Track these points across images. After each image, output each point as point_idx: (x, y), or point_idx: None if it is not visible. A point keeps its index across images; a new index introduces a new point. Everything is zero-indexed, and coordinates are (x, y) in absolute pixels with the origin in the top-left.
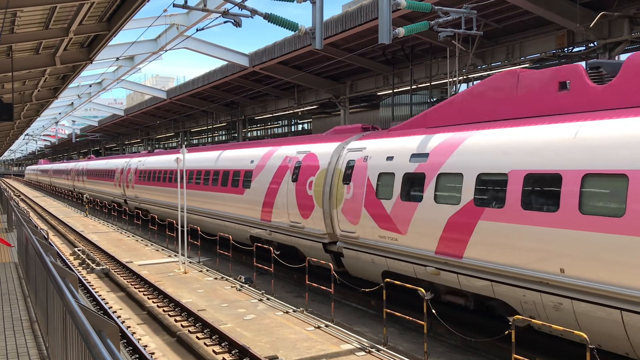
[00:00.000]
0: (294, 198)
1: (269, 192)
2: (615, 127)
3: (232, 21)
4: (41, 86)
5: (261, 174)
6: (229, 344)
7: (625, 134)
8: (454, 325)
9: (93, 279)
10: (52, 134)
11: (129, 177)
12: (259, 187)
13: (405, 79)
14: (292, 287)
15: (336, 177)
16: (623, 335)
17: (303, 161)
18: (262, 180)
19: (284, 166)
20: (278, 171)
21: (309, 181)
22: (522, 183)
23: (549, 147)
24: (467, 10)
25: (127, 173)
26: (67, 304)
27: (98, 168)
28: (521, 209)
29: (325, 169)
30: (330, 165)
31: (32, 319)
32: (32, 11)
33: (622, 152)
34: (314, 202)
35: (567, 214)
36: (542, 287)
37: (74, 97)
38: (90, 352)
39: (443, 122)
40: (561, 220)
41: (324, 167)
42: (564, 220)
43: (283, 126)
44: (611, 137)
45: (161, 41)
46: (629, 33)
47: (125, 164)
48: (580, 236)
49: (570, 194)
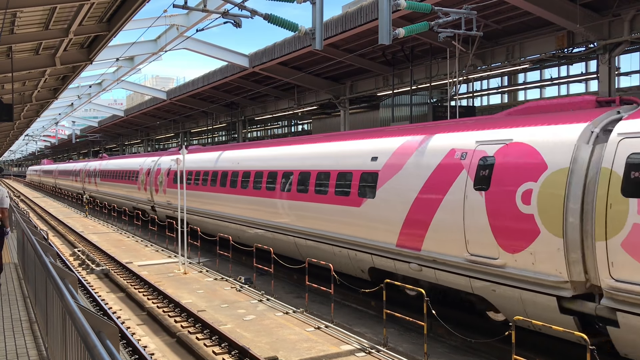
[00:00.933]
0: (483, 216)
1: (418, 204)
2: None
3: (232, 22)
4: (41, 87)
5: (397, 177)
6: (228, 344)
7: None
8: (454, 326)
9: (93, 280)
10: (52, 134)
11: (159, 179)
12: (393, 196)
13: (405, 79)
14: (291, 287)
15: (602, 183)
16: None
17: (499, 156)
18: (401, 187)
19: (452, 165)
20: (437, 173)
21: (523, 190)
22: None
23: None
24: (467, 11)
25: (155, 174)
26: (67, 304)
27: (116, 169)
28: None
29: (567, 169)
30: (578, 163)
31: (32, 320)
32: (32, 12)
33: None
34: (539, 225)
35: None
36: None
37: (74, 98)
38: (90, 353)
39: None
40: None
41: (560, 167)
42: None
43: (283, 127)
44: None
45: (161, 42)
46: (629, 34)
47: (152, 164)
48: None
49: None
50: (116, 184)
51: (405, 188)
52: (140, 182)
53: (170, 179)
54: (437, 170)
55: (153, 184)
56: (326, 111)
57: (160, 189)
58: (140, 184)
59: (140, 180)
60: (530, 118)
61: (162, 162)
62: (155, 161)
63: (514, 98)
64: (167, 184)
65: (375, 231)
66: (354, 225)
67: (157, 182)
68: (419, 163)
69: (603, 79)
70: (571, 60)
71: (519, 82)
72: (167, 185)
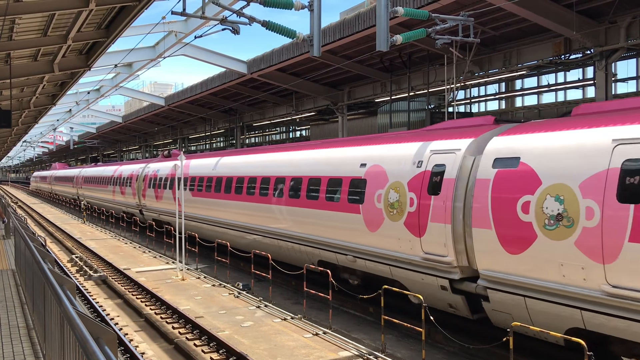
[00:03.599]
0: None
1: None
2: None
3: (230, 28)
4: (39, 93)
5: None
6: (226, 351)
7: None
8: (452, 332)
9: (90, 286)
10: (50, 140)
11: (140, 185)
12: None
13: (402, 85)
14: (290, 294)
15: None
16: None
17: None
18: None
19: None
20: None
21: None
22: None
23: None
24: (464, 17)
25: (143, 180)
26: (65, 310)
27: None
28: None
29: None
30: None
31: (30, 326)
32: (30, 18)
33: None
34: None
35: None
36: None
37: (72, 104)
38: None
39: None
40: None
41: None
42: None
43: (281, 133)
44: None
45: (159, 48)
46: (625, 40)
47: (140, 170)
48: None
49: None
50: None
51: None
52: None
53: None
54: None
55: (141, 189)
56: (324, 117)
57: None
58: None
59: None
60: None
61: (151, 168)
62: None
63: (511, 104)
64: (146, 189)
65: None
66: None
67: (143, 188)
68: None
69: (600, 86)
70: (568, 66)
71: (516, 89)
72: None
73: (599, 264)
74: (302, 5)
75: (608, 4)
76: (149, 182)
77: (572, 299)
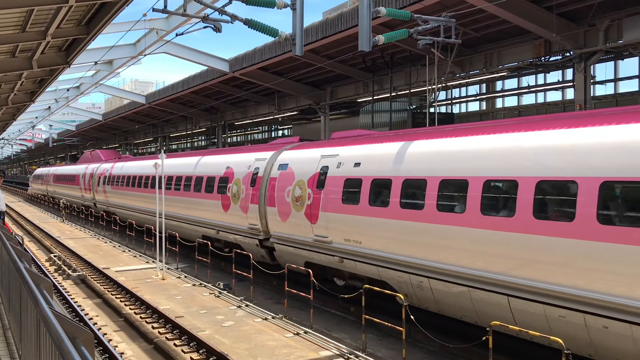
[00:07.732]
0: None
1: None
2: None
3: (212, 26)
4: (17, 90)
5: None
6: (207, 351)
7: None
8: (432, 332)
9: (69, 286)
10: (29, 138)
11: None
12: None
13: (385, 86)
14: (271, 293)
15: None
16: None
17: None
18: None
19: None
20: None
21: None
22: None
23: None
24: (446, 19)
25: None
26: (41, 310)
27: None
28: None
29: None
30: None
31: (5, 327)
32: (8, 13)
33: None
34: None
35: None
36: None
37: (52, 101)
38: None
39: None
40: None
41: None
42: None
43: (263, 132)
44: None
45: (140, 46)
46: (603, 43)
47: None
48: None
49: None
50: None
51: None
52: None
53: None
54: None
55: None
56: (306, 117)
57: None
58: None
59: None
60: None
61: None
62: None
63: (492, 105)
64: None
65: None
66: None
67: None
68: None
69: (579, 87)
70: (548, 68)
71: (497, 90)
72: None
73: (313, 224)
74: (284, 3)
75: (587, 7)
76: (98, 180)
77: (302, 244)
